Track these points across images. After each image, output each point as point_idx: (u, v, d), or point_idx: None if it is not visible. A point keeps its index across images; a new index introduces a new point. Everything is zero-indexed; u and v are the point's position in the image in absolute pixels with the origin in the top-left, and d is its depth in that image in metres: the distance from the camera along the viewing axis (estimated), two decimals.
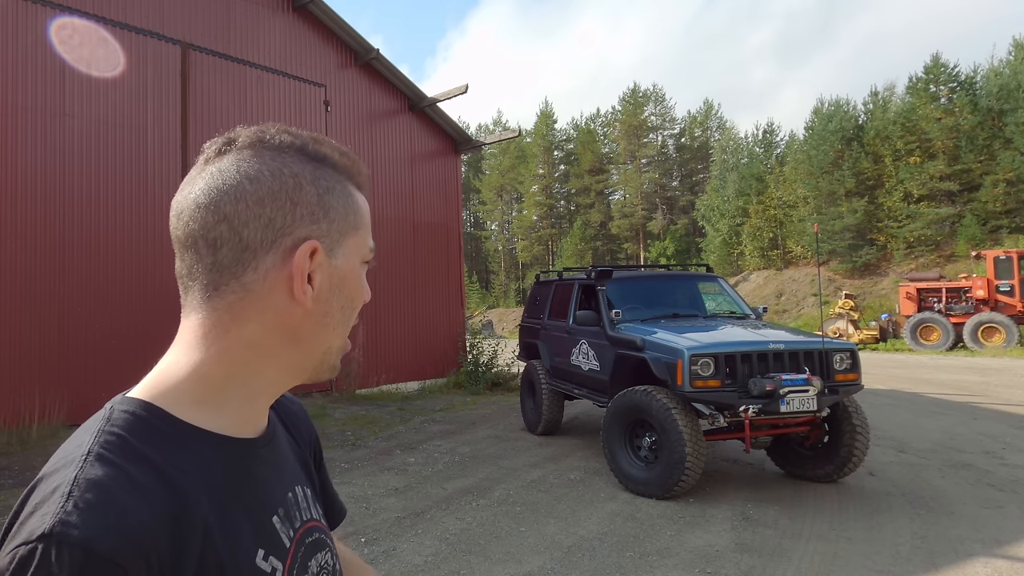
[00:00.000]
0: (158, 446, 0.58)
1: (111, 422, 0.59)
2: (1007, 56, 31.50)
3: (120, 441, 0.57)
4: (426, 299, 12.05)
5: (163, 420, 0.61)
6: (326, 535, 0.75)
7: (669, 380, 5.20)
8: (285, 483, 0.71)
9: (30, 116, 7.70)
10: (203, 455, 0.61)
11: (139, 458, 0.56)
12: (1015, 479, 5.61)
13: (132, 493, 0.53)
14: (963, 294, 18.52)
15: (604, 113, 57.45)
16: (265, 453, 0.69)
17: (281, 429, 0.78)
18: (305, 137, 0.68)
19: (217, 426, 0.64)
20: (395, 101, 11.99)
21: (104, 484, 0.53)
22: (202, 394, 0.63)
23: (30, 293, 7.58)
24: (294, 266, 0.63)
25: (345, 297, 0.68)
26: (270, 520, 0.65)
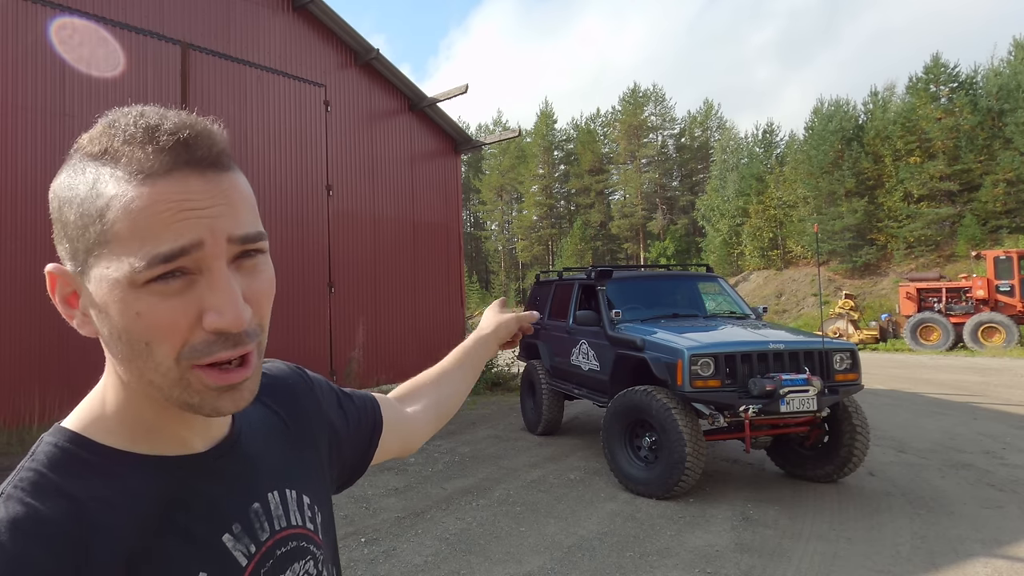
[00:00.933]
0: (81, 479, 0.54)
1: (33, 457, 0.56)
2: (1007, 56, 31.50)
3: (36, 477, 0.53)
4: (426, 299, 12.05)
5: (90, 450, 0.57)
6: (311, 542, 0.69)
7: (669, 380, 5.20)
8: (250, 493, 0.65)
9: (30, 116, 7.70)
10: (134, 482, 0.56)
11: (51, 493, 0.52)
12: (1015, 479, 5.61)
13: (34, 537, 0.49)
14: (963, 294, 18.51)
15: (604, 113, 57.51)
16: (219, 465, 0.63)
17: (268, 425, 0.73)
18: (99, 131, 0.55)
19: (150, 448, 0.59)
20: (395, 101, 11.99)
21: (5, 529, 0.49)
22: (128, 419, 0.59)
23: (30, 293, 7.58)
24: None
25: (116, 329, 0.54)
26: (219, 539, 0.60)
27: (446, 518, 4.85)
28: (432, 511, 5.01)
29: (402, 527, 4.66)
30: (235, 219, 0.54)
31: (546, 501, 5.23)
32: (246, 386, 0.56)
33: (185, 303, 0.53)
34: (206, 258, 0.53)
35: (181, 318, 0.52)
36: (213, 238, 0.53)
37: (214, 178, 0.54)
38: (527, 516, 4.88)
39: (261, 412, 0.73)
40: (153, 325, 0.52)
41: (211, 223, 0.53)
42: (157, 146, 0.52)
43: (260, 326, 0.58)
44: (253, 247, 0.56)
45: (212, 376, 0.54)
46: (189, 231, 0.52)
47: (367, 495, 5.41)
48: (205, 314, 0.53)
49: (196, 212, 0.52)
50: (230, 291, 0.53)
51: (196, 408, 0.56)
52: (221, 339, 0.54)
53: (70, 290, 0.57)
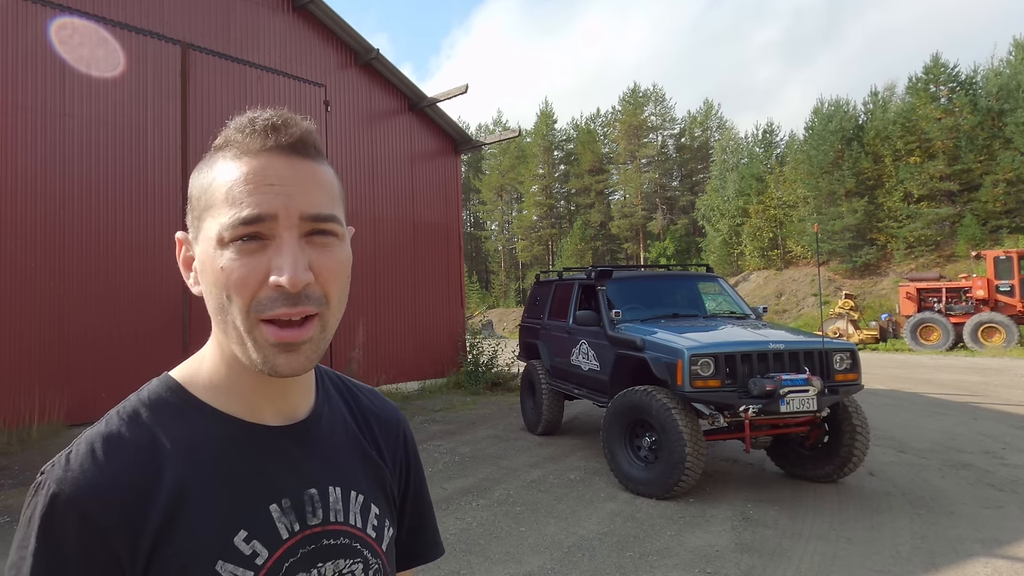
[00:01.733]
0: (165, 417, 0.66)
1: (141, 392, 0.69)
2: (1007, 56, 31.50)
3: (134, 409, 0.67)
4: (426, 299, 12.04)
5: (178, 395, 0.68)
6: (367, 547, 0.72)
7: (669, 380, 5.20)
8: (309, 479, 0.70)
9: (30, 116, 7.70)
10: (203, 430, 0.67)
11: (140, 424, 0.65)
12: (1015, 479, 5.61)
13: (116, 450, 0.63)
14: (963, 294, 18.51)
15: (604, 113, 57.51)
16: (286, 444, 0.70)
17: (351, 431, 0.78)
18: (224, 129, 0.68)
19: (228, 407, 0.69)
20: (395, 101, 11.99)
21: (96, 441, 0.63)
22: (215, 379, 0.70)
23: (30, 293, 7.58)
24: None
25: (206, 283, 0.65)
26: (266, 506, 0.66)
27: (446, 518, 4.85)
28: None
29: None
30: (308, 199, 0.64)
31: (546, 501, 5.23)
32: (303, 350, 0.64)
33: (257, 262, 0.62)
34: (278, 227, 0.62)
35: (252, 274, 0.62)
36: (286, 212, 0.62)
37: (297, 162, 0.65)
38: (527, 516, 4.88)
39: (351, 421, 0.80)
40: (231, 278, 0.62)
41: (287, 199, 0.63)
42: (253, 131, 0.64)
43: (324, 296, 0.65)
44: (324, 227, 0.65)
45: (272, 332, 0.62)
46: (267, 203, 0.62)
47: None
48: (270, 272, 0.62)
49: (275, 188, 0.63)
50: (292, 255, 0.62)
51: (257, 364, 0.64)
52: (282, 296, 0.62)
53: (190, 254, 0.69)
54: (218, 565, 0.62)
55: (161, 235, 8.75)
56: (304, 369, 0.65)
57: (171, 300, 8.74)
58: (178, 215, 8.94)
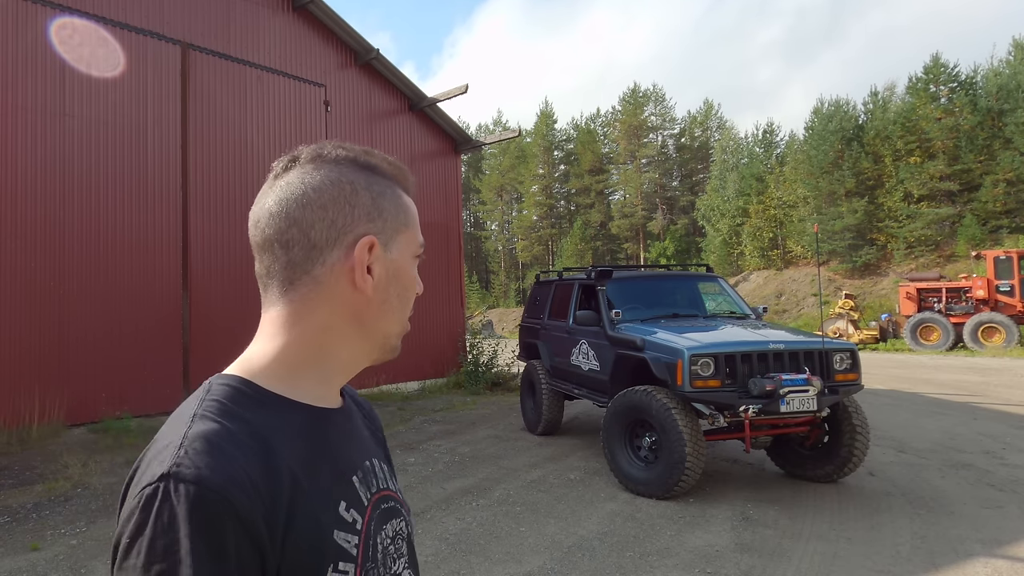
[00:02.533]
0: (250, 409, 0.69)
1: (211, 392, 0.70)
2: (1007, 56, 31.50)
3: (219, 405, 0.68)
4: (426, 299, 12.03)
5: (253, 389, 0.71)
6: (402, 506, 0.83)
7: (669, 380, 5.20)
8: (362, 452, 0.80)
9: (30, 116, 7.70)
10: (287, 417, 0.71)
11: (235, 417, 0.67)
12: (1015, 479, 5.61)
13: (232, 443, 0.64)
14: (963, 294, 18.51)
15: (604, 113, 57.50)
16: (341, 421, 0.79)
17: (357, 411, 0.88)
18: (357, 150, 0.78)
19: (296, 396, 0.74)
20: (395, 101, 11.99)
21: (209, 436, 0.64)
22: (284, 371, 0.74)
23: (30, 293, 7.58)
24: (355, 259, 0.74)
25: (401, 286, 0.78)
26: (350, 478, 0.74)
27: (446, 518, 4.85)
28: (432, 511, 5.01)
29: None
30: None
31: (546, 501, 5.23)
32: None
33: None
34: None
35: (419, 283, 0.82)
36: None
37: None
38: (527, 516, 4.88)
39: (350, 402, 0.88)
40: (415, 284, 0.81)
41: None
42: (406, 176, 0.82)
43: None
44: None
45: (409, 325, 0.82)
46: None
47: None
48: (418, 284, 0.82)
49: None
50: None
51: (393, 349, 0.81)
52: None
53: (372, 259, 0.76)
54: (336, 535, 0.68)
55: (161, 235, 8.75)
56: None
57: (171, 300, 8.74)
58: (178, 215, 8.94)
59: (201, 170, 9.20)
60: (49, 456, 6.48)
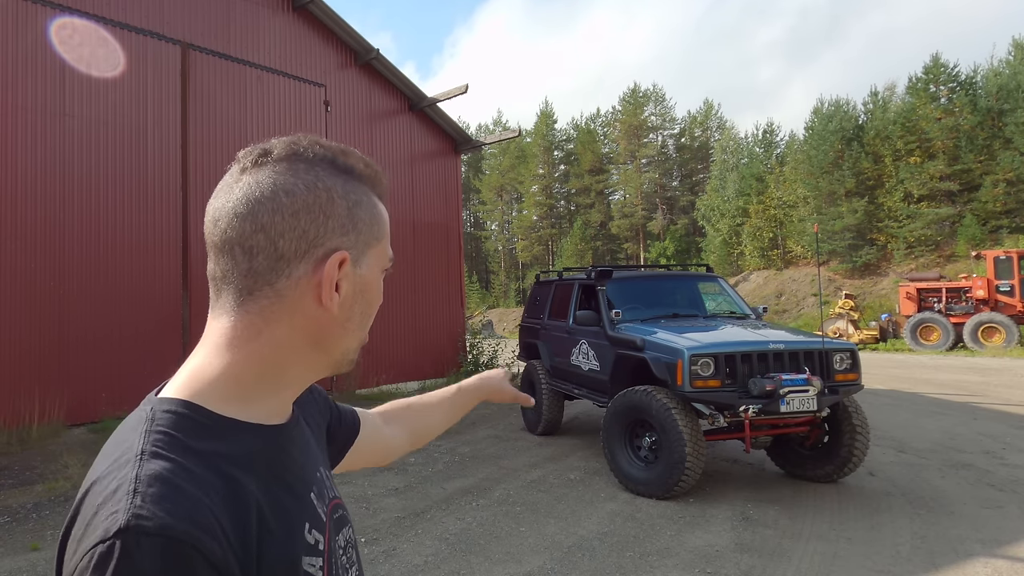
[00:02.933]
0: (203, 438, 0.62)
1: (155, 422, 0.62)
2: (1007, 56, 31.49)
3: (168, 438, 0.60)
4: (426, 299, 12.04)
5: (203, 415, 0.64)
6: (346, 511, 0.80)
7: (669, 380, 5.20)
8: (314, 463, 0.76)
9: (30, 116, 7.70)
10: (244, 444, 0.65)
11: (189, 450, 0.60)
12: (1015, 479, 5.61)
13: (191, 482, 0.57)
14: (963, 294, 18.51)
15: (604, 113, 57.51)
16: (295, 434, 0.74)
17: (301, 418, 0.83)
18: (335, 149, 0.72)
19: (251, 417, 0.68)
20: (395, 101, 11.99)
21: (165, 477, 0.56)
22: (236, 391, 0.67)
23: (30, 293, 7.58)
24: (324, 275, 0.67)
25: (365, 303, 0.73)
26: (309, 496, 0.70)
27: (446, 518, 4.85)
28: (432, 511, 5.01)
29: (402, 527, 4.66)
30: None
31: (546, 501, 5.23)
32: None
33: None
34: None
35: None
36: None
37: None
38: (527, 516, 4.88)
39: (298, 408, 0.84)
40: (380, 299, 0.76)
41: None
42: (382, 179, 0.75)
43: None
44: None
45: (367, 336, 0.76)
46: None
47: (367, 495, 5.41)
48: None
49: None
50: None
51: (351, 363, 0.75)
52: None
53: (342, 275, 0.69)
54: (304, 562, 0.65)
55: (161, 235, 8.75)
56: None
57: (171, 300, 8.74)
58: (178, 215, 8.94)
59: (201, 170, 9.19)
60: (49, 456, 6.48)
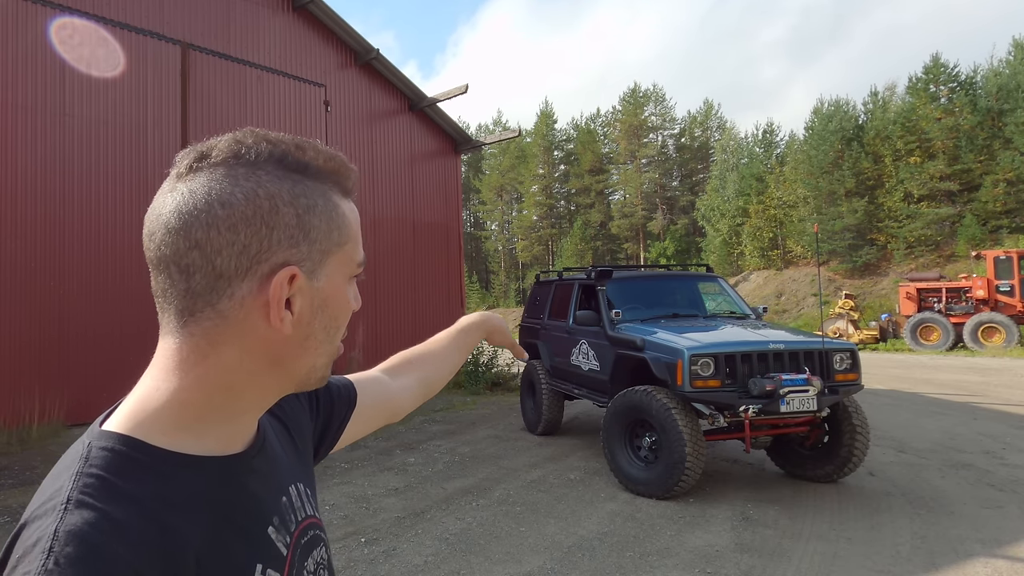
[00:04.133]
0: (140, 481, 0.56)
1: (89, 462, 0.56)
2: (1007, 56, 31.49)
3: (99, 482, 0.54)
4: (426, 299, 12.05)
5: (143, 452, 0.57)
6: (320, 529, 0.75)
7: (669, 380, 5.20)
8: (279, 488, 0.69)
9: (30, 116, 7.70)
10: (188, 483, 0.58)
11: (120, 497, 0.54)
12: (1015, 479, 5.61)
13: (115, 538, 0.51)
14: (963, 294, 18.51)
15: (604, 113, 57.51)
16: (256, 463, 0.67)
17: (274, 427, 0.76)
18: (286, 145, 0.62)
19: (201, 449, 0.61)
20: (395, 101, 11.99)
21: (85, 534, 0.50)
22: (182, 421, 0.61)
23: (30, 293, 7.58)
24: (270, 294, 0.59)
25: (328, 317, 0.64)
26: (265, 532, 0.64)
27: (446, 518, 4.85)
28: (432, 511, 5.01)
29: (402, 527, 4.66)
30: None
31: (546, 501, 5.23)
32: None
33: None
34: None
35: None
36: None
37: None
38: (527, 516, 4.88)
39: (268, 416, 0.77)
40: (349, 311, 0.68)
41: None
42: (347, 173, 0.66)
43: None
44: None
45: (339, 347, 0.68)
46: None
47: (367, 495, 5.41)
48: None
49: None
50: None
51: (321, 379, 0.68)
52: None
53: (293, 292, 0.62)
54: None
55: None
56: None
57: None
58: None
59: None
60: (49, 456, 6.48)
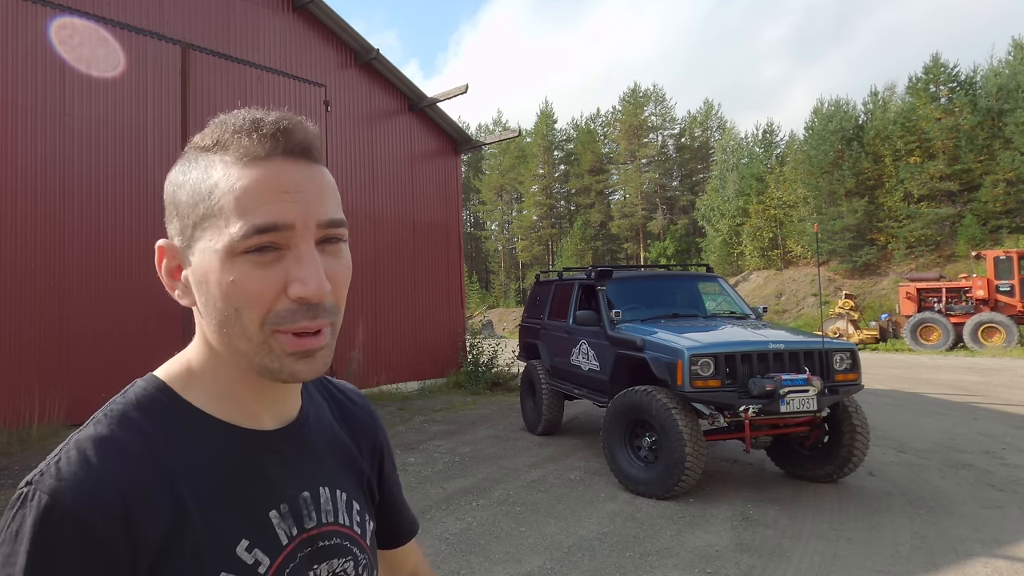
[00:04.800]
0: (155, 419, 0.62)
1: (124, 395, 0.64)
2: (1007, 56, 31.49)
3: (121, 410, 0.62)
4: (426, 299, 12.05)
5: (168, 397, 0.64)
6: (356, 544, 0.73)
7: (669, 380, 5.20)
8: (302, 481, 0.70)
9: (30, 116, 7.70)
10: (200, 437, 0.63)
11: (132, 426, 0.61)
12: (1015, 479, 5.61)
13: (113, 455, 0.58)
14: (963, 294, 18.51)
15: (604, 113, 57.51)
16: (281, 447, 0.69)
17: (332, 429, 0.78)
18: (212, 125, 0.65)
19: (224, 414, 0.65)
20: (395, 101, 11.99)
21: (89, 445, 0.58)
22: (206, 384, 0.66)
23: (30, 292, 7.58)
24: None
25: (208, 296, 0.62)
26: (265, 513, 0.65)
27: (446, 518, 4.85)
28: (432, 511, 5.01)
29: None
30: (323, 206, 0.62)
31: (546, 501, 5.22)
32: (320, 355, 0.63)
33: (274, 274, 0.60)
34: (295, 237, 0.60)
35: (269, 287, 0.60)
36: (303, 220, 0.60)
37: (306, 167, 0.62)
38: (527, 516, 4.88)
39: (332, 419, 0.80)
40: (244, 292, 0.59)
41: (303, 207, 0.60)
42: (261, 134, 0.61)
43: (336, 305, 0.64)
44: (336, 232, 0.63)
45: (291, 342, 0.61)
46: (284, 212, 0.59)
47: None
48: (290, 284, 0.60)
49: (291, 195, 0.60)
50: (315, 266, 0.60)
51: (275, 373, 0.62)
52: (303, 308, 0.60)
53: (175, 264, 0.65)
54: None
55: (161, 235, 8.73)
56: (321, 372, 0.65)
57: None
58: None
59: None
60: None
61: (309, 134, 0.63)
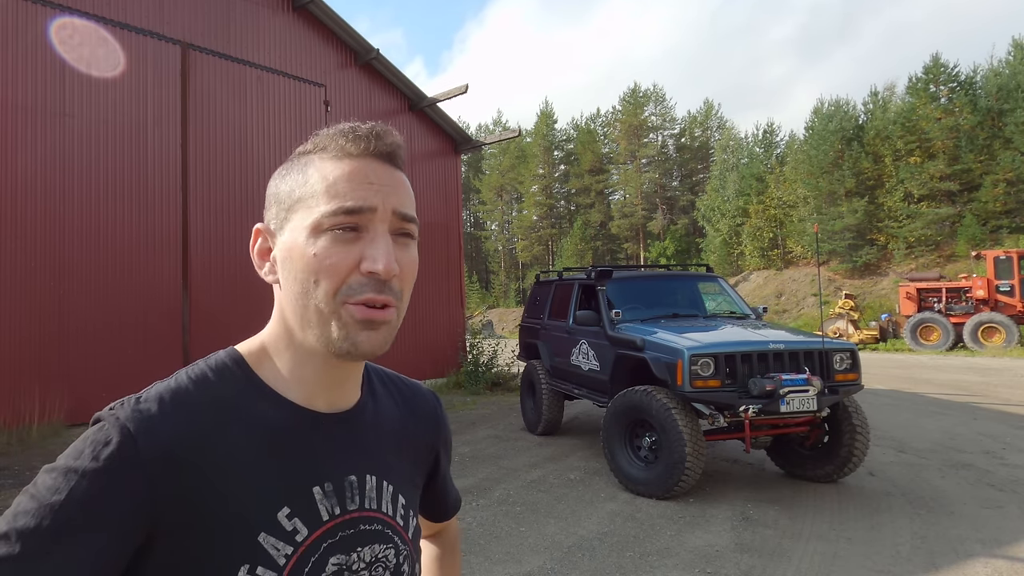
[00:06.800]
0: (229, 386, 0.70)
1: (207, 359, 0.72)
2: (1007, 56, 31.49)
3: (200, 371, 0.70)
4: (426, 299, 12.04)
5: (242, 369, 0.72)
6: (397, 534, 0.77)
7: (669, 380, 5.20)
8: (350, 466, 0.74)
9: (30, 116, 7.70)
10: (261, 407, 0.70)
11: (208, 387, 0.69)
12: (1015, 479, 5.61)
13: (184, 406, 0.66)
14: (963, 294, 18.51)
15: (604, 113, 57.51)
16: (332, 430, 0.74)
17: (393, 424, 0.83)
18: (313, 138, 0.74)
19: (286, 391, 0.72)
20: (395, 101, 11.99)
21: (166, 393, 0.67)
22: (275, 363, 0.73)
23: (30, 292, 7.58)
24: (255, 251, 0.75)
25: (291, 269, 0.70)
26: (309, 488, 0.70)
27: None
28: None
29: None
30: (400, 200, 0.71)
31: (546, 501, 5.23)
32: (383, 330, 0.70)
33: (350, 251, 0.68)
34: (374, 220, 0.69)
35: (345, 261, 0.67)
36: (383, 207, 0.69)
37: (391, 168, 0.73)
38: (527, 516, 4.88)
39: (397, 413, 0.85)
40: (323, 263, 0.67)
41: (384, 196, 0.70)
42: (356, 135, 0.71)
43: (401, 291, 0.71)
44: (408, 228, 0.72)
45: (359, 310, 0.67)
46: (369, 197, 0.69)
47: None
48: (364, 260, 0.67)
49: (375, 186, 0.70)
50: (387, 247, 0.68)
51: (339, 343, 0.68)
52: (371, 283, 0.68)
53: (266, 245, 0.74)
54: (260, 537, 0.65)
55: (161, 234, 8.75)
56: (381, 348, 0.70)
57: (171, 299, 8.74)
58: (178, 214, 8.94)
59: (201, 170, 9.20)
60: (49, 456, 6.47)
61: (396, 142, 0.74)
